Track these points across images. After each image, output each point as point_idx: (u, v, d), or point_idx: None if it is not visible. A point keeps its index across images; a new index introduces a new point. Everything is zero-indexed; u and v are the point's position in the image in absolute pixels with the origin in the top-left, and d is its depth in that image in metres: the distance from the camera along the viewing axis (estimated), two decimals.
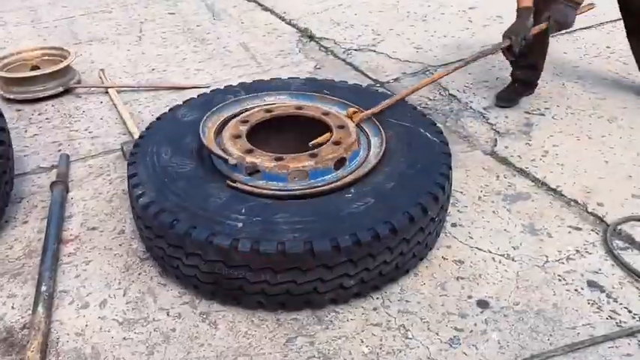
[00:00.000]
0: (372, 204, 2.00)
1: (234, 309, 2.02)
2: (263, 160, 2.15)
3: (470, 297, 2.06)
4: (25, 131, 3.15)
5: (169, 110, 2.56)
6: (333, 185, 2.11)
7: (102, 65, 3.88)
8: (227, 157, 2.15)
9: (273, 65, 3.81)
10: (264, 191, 2.08)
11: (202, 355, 1.87)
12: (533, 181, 2.64)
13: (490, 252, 2.26)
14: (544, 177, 2.66)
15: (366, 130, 2.44)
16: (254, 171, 2.16)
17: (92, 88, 3.54)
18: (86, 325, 1.99)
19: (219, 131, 2.37)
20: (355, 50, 4.01)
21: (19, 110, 3.35)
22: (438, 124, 2.53)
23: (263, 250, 1.83)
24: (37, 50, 3.66)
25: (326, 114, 2.45)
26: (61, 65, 3.43)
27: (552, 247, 2.27)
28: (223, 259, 1.88)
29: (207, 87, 3.55)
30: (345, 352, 1.87)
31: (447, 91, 3.45)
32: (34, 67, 3.62)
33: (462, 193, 2.57)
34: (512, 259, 2.22)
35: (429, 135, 2.40)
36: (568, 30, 3.06)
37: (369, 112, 2.47)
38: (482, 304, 2.03)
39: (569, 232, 2.34)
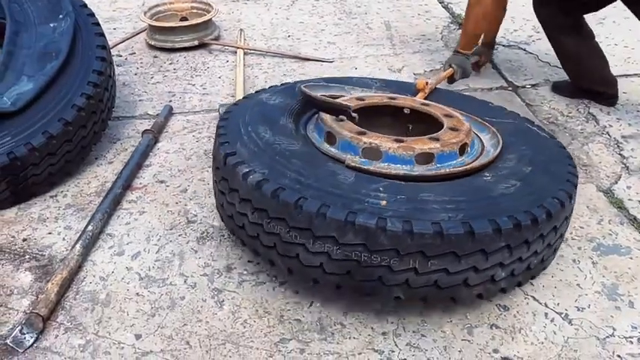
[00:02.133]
0: (520, 186, 1.79)
1: (246, 293, 1.97)
2: (382, 140, 1.91)
3: (496, 351, 1.77)
4: (152, 77, 3.35)
5: (246, 96, 2.41)
6: (468, 167, 1.90)
7: (246, 25, 3.99)
8: (348, 107, 1.92)
9: (406, 49, 3.60)
10: (394, 172, 1.84)
11: (195, 331, 1.85)
12: None
13: (546, 306, 1.92)
14: None
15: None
16: (369, 157, 1.91)
17: (224, 47, 3.65)
18: (112, 272, 2.07)
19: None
20: (503, 46, 3.62)
21: (155, 57, 3.58)
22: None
23: (417, 230, 1.59)
24: (187, 3, 3.87)
25: (426, 105, 2.25)
26: (196, 21, 3.59)
27: (627, 319, 1.86)
28: (366, 242, 1.62)
29: (331, 61, 3.48)
30: None
31: (588, 108, 2.98)
32: (183, 19, 3.83)
33: None
34: (570, 322, 1.86)
35: (538, 130, 2.20)
36: None
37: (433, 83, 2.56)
38: None
39: None
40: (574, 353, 1.76)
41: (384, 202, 1.66)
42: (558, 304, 1.92)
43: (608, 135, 2.77)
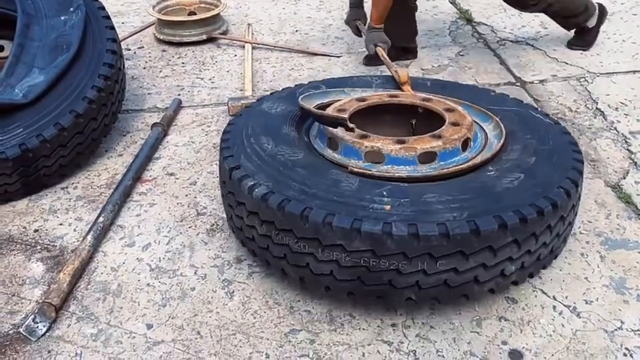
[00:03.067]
0: (524, 179, 1.80)
1: (256, 284, 1.99)
2: (384, 143, 1.92)
3: (504, 343, 1.78)
4: (160, 71, 3.37)
5: (249, 106, 2.35)
6: (470, 164, 1.90)
7: (254, 20, 4.00)
8: (344, 118, 1.88)
9: None
10: (397, 175, 1.85)
11: (205, 322, 1.87)
12: None
13: (555, 299, 1.93)
14: None
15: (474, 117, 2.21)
16: (372, 160, 1.94)
17: (232, 41, 3.66)
18: (123, 263, 2.09)
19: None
20: (511, 42, 3.63)
21: (164, 51, 3.60)
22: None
23: (423, 233, 1.60)
24: None
25: (427, 100, 2.24)
26: (204, 15, 3.61)
27: (636, 313, 1.87)
28: (373, 247, 1.64)
29: (338, 56, 3.49)
30: None
31: (596, 104, 2.98)
32: (191, 13, 3.84)
33: None
34: (578, 315, 1.87)
35: (542, 117, 2.20)
36: None
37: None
38: (515, 355, 1.75)
39: None
40: (582, 346, 1.77)
41: (388, 207, 1.66)
42: (567, 297, 1.93)
43: (616, 131, 2.77)
